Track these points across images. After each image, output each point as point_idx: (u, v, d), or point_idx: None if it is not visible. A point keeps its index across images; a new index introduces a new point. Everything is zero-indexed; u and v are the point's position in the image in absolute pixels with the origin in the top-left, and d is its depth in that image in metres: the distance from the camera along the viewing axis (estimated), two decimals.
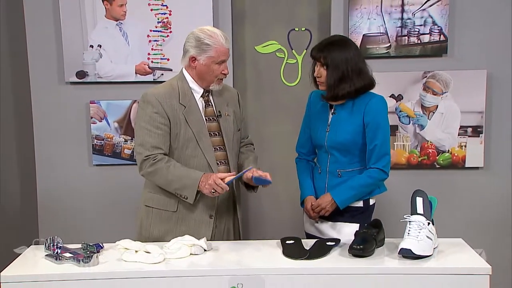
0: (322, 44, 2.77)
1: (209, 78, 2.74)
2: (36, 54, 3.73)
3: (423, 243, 2.42)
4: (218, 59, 2.70)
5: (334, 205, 2.76)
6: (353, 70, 2.71)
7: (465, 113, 3.73)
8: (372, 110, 2.73)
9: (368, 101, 2.74)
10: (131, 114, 3.75)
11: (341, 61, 2.70)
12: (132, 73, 3.73)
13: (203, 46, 2.69)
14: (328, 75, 2.71)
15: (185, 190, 2.66)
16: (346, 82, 2.70)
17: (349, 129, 2.76)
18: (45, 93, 3.76)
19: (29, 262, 2.48)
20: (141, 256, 2.39)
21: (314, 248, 2.53)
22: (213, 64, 2.70)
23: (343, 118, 2.78)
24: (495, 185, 3.82)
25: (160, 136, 2.68)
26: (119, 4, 3.67)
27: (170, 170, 2.65)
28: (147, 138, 2.68)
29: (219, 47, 2.69)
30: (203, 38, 2.69)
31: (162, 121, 2.68)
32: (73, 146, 3.81)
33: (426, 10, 3.66)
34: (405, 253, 2.41)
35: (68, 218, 3.78)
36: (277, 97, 3.97)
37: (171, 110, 2.70)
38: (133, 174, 3.78)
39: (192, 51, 2.72)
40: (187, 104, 2.73)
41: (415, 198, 2.56)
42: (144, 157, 2.67)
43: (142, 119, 2.71)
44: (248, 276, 2.32)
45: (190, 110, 2.74)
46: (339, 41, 2.78)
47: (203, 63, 2.71)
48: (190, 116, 2.72)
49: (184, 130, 2.71)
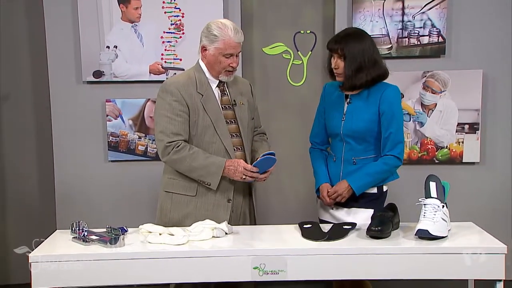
0: (339, 36, 2.86)
1: (217, 69, 2.84)
2: (55, 55, 3.89)
3: (439, 224, 2.52)
4: (225, 52, 2.79)
5: (351, 191, 2.84)
6: (369, 60, 2.80)
7: (462, 111, 3.91)
8: (387, 99, 2.83)
9: (384, 91, 2.84)
10: (145, 112, 3.92)
11: (358, 52, 2.79)
12: (146, 72, 3.89)
13: (211, 37, 2.80)
14: (346, 66, 2.80)
15: (209, 177, 2.78)
16: (363, 72, 2.80)
17: (365, 118, 2.85)
18: (64, 91, 3.92)
19: (57, 244, 2.59)
20: (166, 238, 2.52)
21: (332, 231, 2.64)
22: (220, 56, 2.80)
23: (359, 107, 2.87)
24: (491, 179, 3.99)
25: (180, 123, 2.79)
26: (134, 7, 3.84)
27: (194, 158, 2.76)
28: (167, 125, 2.78)
29: (226, 40, 2.78)
30: (212, 29, 2.80)
31: (182, 109, 2.79)
32: (89, 143, 3.97)
33: (425, 13, 3.85)
34: (422, 234, 2.50)
35: (84, 212, 3.91)
36: (283, 96, 4.14)
37: (189, 98, 2.81)
38: (147, 169, 3.98)
39: (204, 40, 2.84)
40: (204, 93, 2.85)
41: (428, 182, 2.66)
42: (167, 143, 2.77)
43: (162, 107, 2.81)
44: (271, 257, 2.41)
45: (207, 99, 2.85)
46: (355, 33, 2.88)
47: (211, 53, 2.82)
48: (207, 104, 2.84)
49: (202, 117, 2.83)
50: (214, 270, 2.43)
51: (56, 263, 2.38)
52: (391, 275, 2.46)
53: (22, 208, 4.15)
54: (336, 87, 2.99)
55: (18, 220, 4.12)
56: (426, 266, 2.44)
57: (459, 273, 2.45)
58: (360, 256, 2.45)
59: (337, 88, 2.97)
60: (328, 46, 2.89)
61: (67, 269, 2.37)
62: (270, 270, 2.43)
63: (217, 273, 2.44)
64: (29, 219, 4.11)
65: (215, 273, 2.44)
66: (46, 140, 4.05)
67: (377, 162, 2.88)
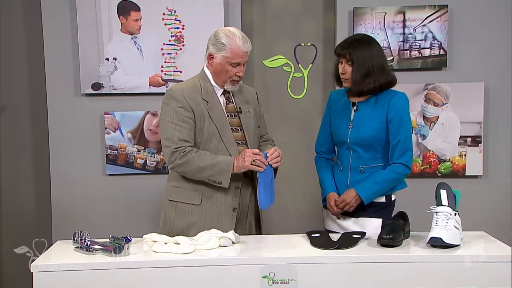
0: (347, 41, 2.84)
1: (223, 78, 2.81)
2: (53, 67, 3.84)
3: (452, 232, 2.47)
4: (233, 60, 2.76)
5: (359, 200, 2.80)
6: (377, 66, 2.78)
7: (464, 124, 3.89)
8: (395, 106, 2.80)
9: (392, 98, 2.81)
10: (144, 125, 3.87)
11: (366, 57, 2.77)
12: (146, 85, 3.85)
13: (219, 45, 2.76)
14: (354, 71, 2.77)
15: (219, 175, 2.71)
16: (371, 78, 2.77)
17: (373, 125, 2.81)
18: (61, 104, 3.86)
19: (59, 254, 2.51)
20: (172, 247, 2.45)
21: (341, 240, 2.58)
22: (227, 65, 2.77)
23: (366, 114, 2.84)
24: (494, 192, 3.96)
25: (186, 130, 2.74)
26: (134, 19, 3.81)
27: (201, 158, 2.71)
28: (174, 132, 2.73)
29: (234, 49, 2.75)
30: (220, 37, 2.77)
31: (187, 115, 2.75)
32: (87, 156, 3.90)
33: (426, 25, 3.85)
34: (435, 242, 2.45)
35: (82, 226, 3.79)
36: (284, 109, 4.10)
37: (195, 104, 2.77)
38: (146, 183, 3.92)
39: (211, 48, 2.80)
40: (209, 100, 2.81)
41: (439, 190, 2.61)
42: (173, 149, 2.72)
43: (168, 114, 2.77)
44: (281, 265, 2.35)
45: (213, 106, 2.81)
46: (364, 38, 2.86)
47: (218, 61, 2.78)
48: (213, 111, 2.80)
49: (208, 124, 2.78)
50: (222, 279, 2.36)
51: (59, 272, 2.31)
52: (404, 284, 2.40)
53: (18, 223, 4.04)
54: (342, 95, 2.96)
55: (12, 236, 4.01)
56: (440, 274, 2.38)
57: (474, 283, 2.39)
58: (372, 265, 2.39)
59: (344, 96, 2.95)
60: (336, 51, 2.87)
61: (70, 278, 2.30)
62: (280, 279, 2.36)
63: (225, 283, 2.36)
64: (24, 235, 3.97)
65: (223, 283, 2.36)
66: (42, 153, 3.98)
67: (385, 170, 2.83)
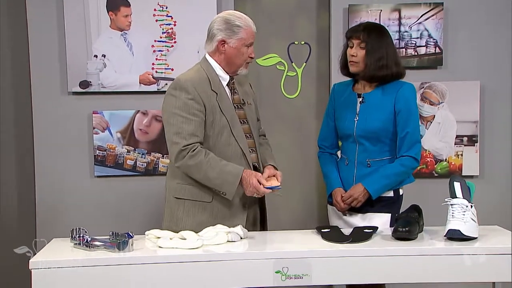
0: (361, 25, 2.80)
1: (239, 62, 2.71)
2: (38, 64, 3.68)
3: (469, 224, 2.41)
4: (248, 41, 2.69)
5: (367, 195, 2.72)
6: (391, 55, 2.74)
7: (460, 123, 3.85)
8: (403, 97, 2.74)
9: (400, 88, 2.75)
10: (134, 125, 3.73)
11: (381, 43, 2.73)
12: (136, 83, 3.71)
13: (234, 28, 2.66)
14: (368, 54, 2.71)
15: (225, 186, 2.58)
16: (384, 65, 2.72)
17: (380, 117, 2.75)
18: (47, 103, 3.70)
19: (58, 251, 2.37)
20: (178, 242, 2.34)
21: (354, 234, 2.49)
22: (243, 47, 2.68)
23: (373, 105, 2.77)
24: (491, 192, 3.90)
25: (196, 124, 2.60)
26: (124, 15, 3.68)
27: (210, 165, 2.57)
28: (183, 126, 2.58)
29: (248, 29, 2.69)
30: (233, 20, 2.68)
31: (198, 108, 2.61)
32: (74, 157, 3.74)
33: (422, 23, 3.80)
34: (454, 234, 2.38)
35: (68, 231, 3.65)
36: (278, 109, 4.01)
37: (206, 96, 2.64)
38: (135, 185, 3.78)
39: (221, 34, 2.68)
40: (218, 91, 2.69)
41: (452, 183, 2.55)
42: (182, 147, 2.56)
43: (176, 106, 2.61)
44: (294, 259, 2.25)
45: (222, 97, 2.70)
46: (378, 26, 2.85)
47: (233, 45, 2.68)
48: (223, 103, 2.68)
49: (219, 117, 2.66)
50: (233, 275, 2.25)
51: (60, 269, 2.16)
52: (421, 278, 2.32)
53: None
54: (346, 86, 2.89)
55: None
56: (459, 268, 2.31)
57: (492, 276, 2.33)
58: (388, 258, 2.31)
59: (348, 87, 2.88)
60: (347, 34, 2.80)
61: (71, 275, 2.17)
62: (293, 275, 2.26)
63: (236, 279, 2.25)
64: (6, 239, 3.79)
65: (233, 279, 2.25)
66: (27, 155, 3.79)
67: (393, 163, 2.77)
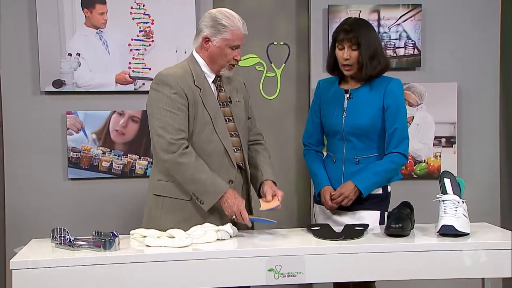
0: (348, 24, 2.72)
1: (221, 62, 2.65)
2: (9, 62, 3.53)
3: (462, 220, 2.40)
4: (233, 43, 2.62)
5: (358, 192, 2.68)
6: (380, 48, 2.72)
7: (439, 124, 3.85)
8: (392, 93, 2.72)
9: (388, 84, 2.73)
10: (110, 125, 3.61)
11: (372, 38, 2.70)
12: (112, 82, 3.60)
13: (219, 27, 2.60)
14: (362, 54, 2.67)
15: (205, 195, 2.51)
16: (377, 60, 2.70)
17: (368, 113, 2.71)
18: (18, 102, 3.55)
19: (39, 251, 2.24)
20: (166, 241, 2.25)
21: (346, 231, 2.45)
22: (226, 48, 2.62)
23: (361, 101, 2.74)
24: (469, 194, 3.88)
25: (182, 118, 2.54)
26: (99, 12, 3.57)
27: (198, 169, 2.50)
28: (169, 120, 2.51)
29: (235, 30, 2.61)
30: (220, 18, 2.61)
31: (182, 102, 2.55)
32: (47, 160, 3.59)
33: (400, 25, 3.80)
34: (447, 230, 2.35)
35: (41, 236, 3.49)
36: (257, 110, 3.90)
37: (189, 91, 2.58)
38: (112, 187, 3.66)
39: (207, 31, 2.62)
40: (202, 87, 2.63)
41: (442, 179, 2.53)
42: (170, 140, 2.49)
43: (160, 101, 2.55)
44: (288, 257, 2.19)
45: (206, 93, 2.64)
46: (362, 21, 2.80)
47: (216, 44, 2.62)
48: (206, 99, 2.62)
49: (202, 113, 2.60)
50: (224, 273, 2.18)
51: (43, 269, 2.05)
52: (415, 274, 2.28)
53: None
54: (332, 83, 2.86)
55: None
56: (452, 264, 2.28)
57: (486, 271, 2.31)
58: (383, 255, 2.27)
59: (333, 84, 2.84)
60: (337, 38, 2.72)
61: (56, 275, 2.06)
62: (286, 273, 2.20)
63: (227, 277, 2.18)
64: None
65: (224, 277, 2.18)
66: None
67: (383, 160, 2.73)
